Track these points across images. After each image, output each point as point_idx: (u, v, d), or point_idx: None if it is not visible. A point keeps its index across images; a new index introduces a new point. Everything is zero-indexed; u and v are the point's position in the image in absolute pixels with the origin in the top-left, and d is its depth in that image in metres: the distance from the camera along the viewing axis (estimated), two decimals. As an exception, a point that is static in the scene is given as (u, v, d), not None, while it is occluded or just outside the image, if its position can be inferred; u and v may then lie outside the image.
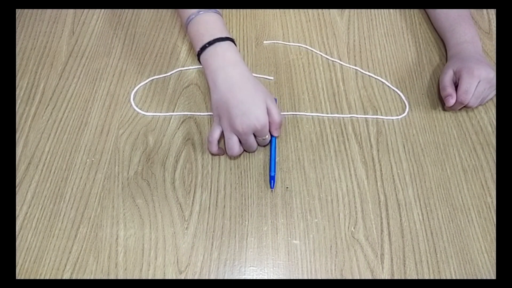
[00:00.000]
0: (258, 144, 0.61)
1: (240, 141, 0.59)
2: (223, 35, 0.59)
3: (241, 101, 0.55)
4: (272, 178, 0.59)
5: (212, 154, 0.61)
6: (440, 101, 0.68)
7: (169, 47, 0.74)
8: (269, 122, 0.58)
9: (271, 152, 0.61)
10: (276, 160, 0.61)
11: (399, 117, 0.66)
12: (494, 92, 0.65)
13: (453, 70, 0.66)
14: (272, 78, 0.71)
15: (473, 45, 0.69)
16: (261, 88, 0.58)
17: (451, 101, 0.63)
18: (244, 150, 0.61)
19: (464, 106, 0.65)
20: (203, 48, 0.58)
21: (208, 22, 0.60)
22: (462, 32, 0.70)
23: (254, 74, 0.70)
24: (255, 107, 0.55)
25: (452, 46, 0.71)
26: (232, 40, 0.60)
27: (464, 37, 0.70)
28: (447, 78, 0.66)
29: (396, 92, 0.69)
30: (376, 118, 0.66)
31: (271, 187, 0.59)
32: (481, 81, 0.62)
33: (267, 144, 0.62)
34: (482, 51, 0.69)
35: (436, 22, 0.76)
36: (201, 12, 0.60)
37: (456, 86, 0.64)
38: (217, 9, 0.61)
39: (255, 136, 0.58)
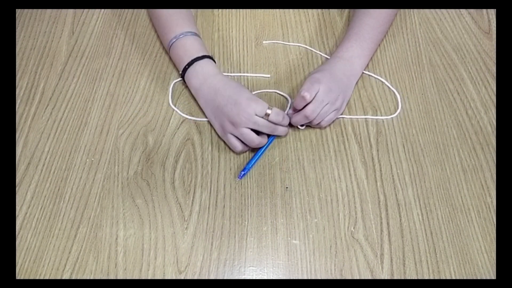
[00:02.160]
0: (267, 134, 0.61)
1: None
2: (200, 54, 0.64)
3: (229, 96, 0.59)
4: (244, 170, 0.59)
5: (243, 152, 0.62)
6: (440, 101, 0.68)
7: (169, 47, 0.74)
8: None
9: (260, 149, 0.61)
10: (256, 161, 0.61)
11: (391, 116, 0.66)
12: (335, 116, 0.63)
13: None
14: (268, 75, 0.71)
15: (347, 63, 0.66)
16: (244, 88, 0.61)
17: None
18: (252, 147, 0.62)
19: (310, 124, 0.63)
20: (184, 70, 0.64)
21: (185, 45, 0.65)
22: (345, 47, 0.67)
23: (252, 74, 0.71)
24: (244, 95, 0.58)
25: (332, 56, 0.68)
26: (209, 57, 0.65)
27: (343, 52, 0.67)
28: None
29: (394, 92, 0.69)
30: (366, 118, 0.66)
31: (239, 177, 0.60)
32: (319, 92, 0.59)
33: (279, 135, 0.63)
34: (358, 71, 0.67)
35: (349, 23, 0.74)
36: (180, 36, 0.65)
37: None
38: (195, 32, 0.67)
39: (256, 131, 0.59)
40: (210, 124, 0.65)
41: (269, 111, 0.58)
